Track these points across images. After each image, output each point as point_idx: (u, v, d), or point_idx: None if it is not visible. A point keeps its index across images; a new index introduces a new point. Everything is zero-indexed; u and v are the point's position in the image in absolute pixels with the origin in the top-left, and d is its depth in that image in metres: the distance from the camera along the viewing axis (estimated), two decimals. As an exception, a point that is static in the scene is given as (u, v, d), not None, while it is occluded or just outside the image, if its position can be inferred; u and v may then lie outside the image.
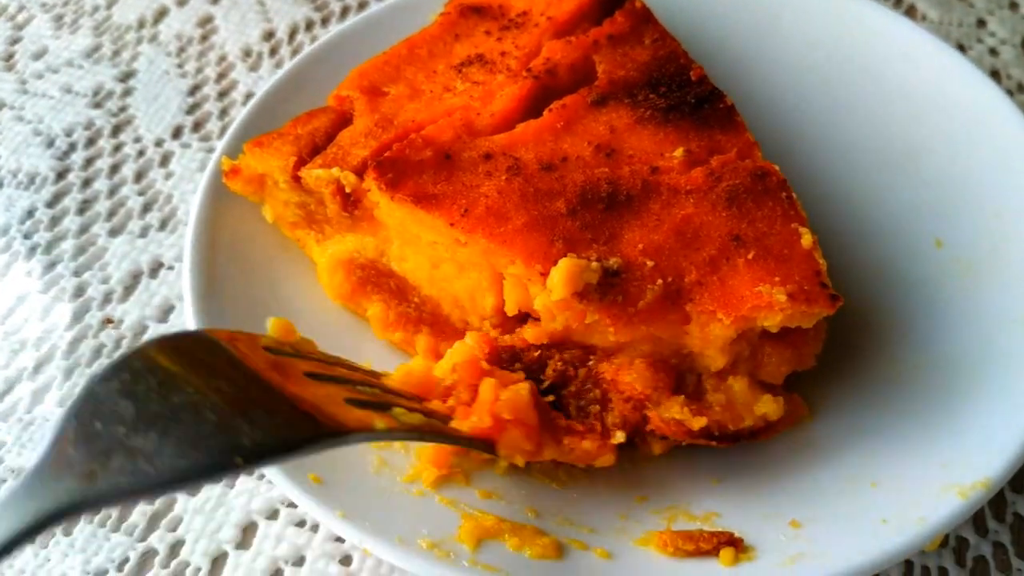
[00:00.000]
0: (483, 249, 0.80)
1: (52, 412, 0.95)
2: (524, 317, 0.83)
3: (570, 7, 1.00)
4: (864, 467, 0.79)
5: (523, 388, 0.76)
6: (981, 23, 1.27)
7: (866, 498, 0.77)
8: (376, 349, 0.90)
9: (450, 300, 0.88)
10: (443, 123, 0.88)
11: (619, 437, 0.78)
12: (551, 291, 0.75)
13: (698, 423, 0.77)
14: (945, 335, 0.88)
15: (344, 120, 0.92)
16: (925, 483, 0.77)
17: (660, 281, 0.77)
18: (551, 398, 0.79)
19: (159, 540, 0.86)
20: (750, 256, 0.79)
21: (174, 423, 0.57)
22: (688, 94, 0.91)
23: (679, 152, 0.86)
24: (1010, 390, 0.82)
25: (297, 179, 0.88)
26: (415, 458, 0.82)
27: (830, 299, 0.77)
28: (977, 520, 0.85)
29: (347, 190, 0.86)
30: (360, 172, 0.86)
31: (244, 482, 0.89)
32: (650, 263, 0.78)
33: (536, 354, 0.80)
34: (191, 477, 0.56)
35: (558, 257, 0.77)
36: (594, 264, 0.76)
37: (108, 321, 1.01)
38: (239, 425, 0.59)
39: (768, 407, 0.79)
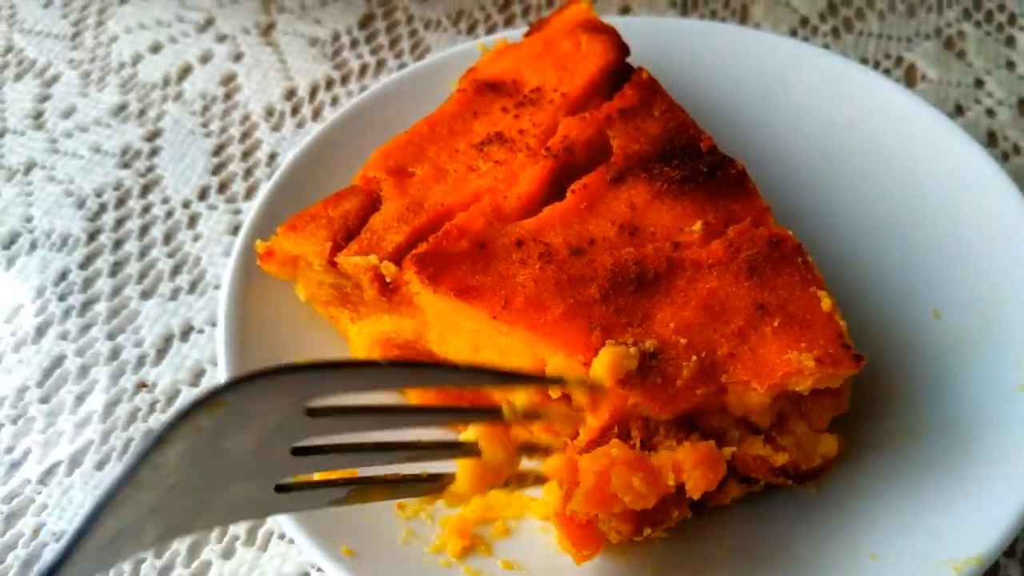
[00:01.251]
0: (525, 339, 0.85)
1: (91, 475, 0.99)
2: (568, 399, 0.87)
3: (581, 82, 1.05)
4: (865, 539, 0.84)
5: (614, 442, 0.79)
6: (979, 83, 1.31)
7: (866, 571, 0.82)
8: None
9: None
10: (473, 210, 0.93)
11: (726, 451, 0.82)
12: (599, 379, 0.79)
13: (781, 459, 0.83)
14: (943, 406, 0.92)
15: (373, 201, 0.97)
16: (923, 557, 0.81)
17: (695, 358, 0.82)
18: None
19: (196, 602, 0.91)
20: (776, 324, 0.84)
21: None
22: (700, 164, 0.96)
23: (698, 226, 0.91)
24: (1004, 462, 0.86)
25: (333, 264, 0.92)
26: (440, 528, 0.87)
27: (854, 360, 0.83)
28: (972, 585, 0.90)
29: (387, 279, 0.90)
30: (396, 258, 0.90)
31: (276, 545, 0.94)
32: (683, 340, 0.83)
33: (615, 431, 0.83)
34: None
35: (597, 345, 0.82)
36: (632, 350, 0.81)
37: (143, 385, 1.05)
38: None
39: (829, 446, 0.86)
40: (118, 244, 1.18)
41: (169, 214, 1.21)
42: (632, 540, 0.82)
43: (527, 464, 0.80)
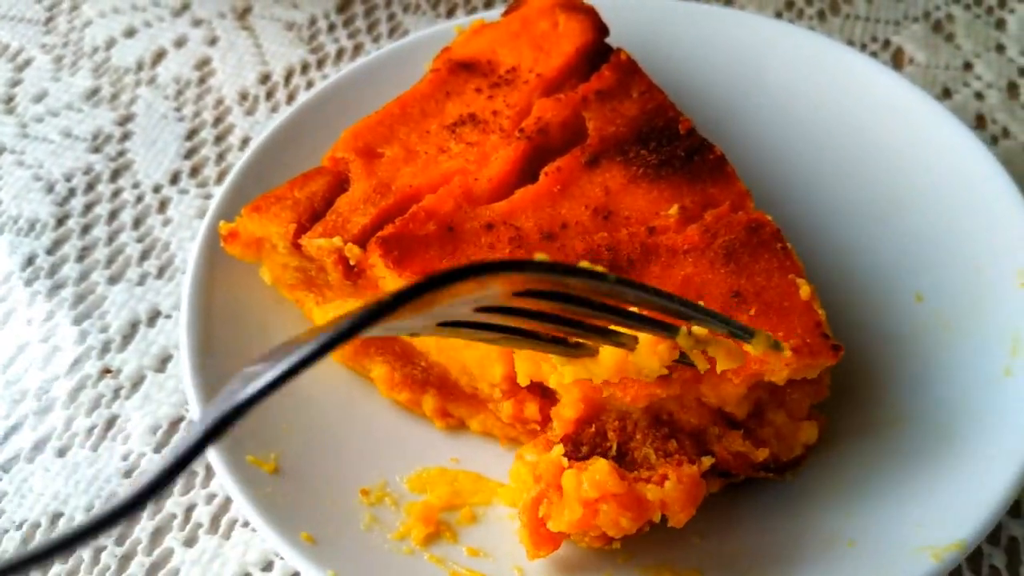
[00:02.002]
0: None
1: (52, 462, 0.97)
2: (534, 385, 0.84)
3: (558, 63, 1.02)
4: (843, 526, 0.81)
5: (600, 464, 0.76)
6: (968, 66, 1.29)
7: (844, 558, 0.79)
8: (382, 407, 0.92)
9: (458, 367, 0.90)
10: (443, 192, 0.90)
11: (706, 462, 0.79)
12: (562, 374, 0.77)
13: (762, 454, 0.81)
14: (924, 392, 0.90)
15: (340, 182, 0.94)
16: (901, 544, 0.79)
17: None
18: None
19: (157, 592, 0.88)
20: (752, 312, 0.81)
21: None
22: (678, 148, 0.94)
23: (674, 210, 0.88)
24: (985, 449, 0.84)
25: (298, 246, 0.89)
26: (405, 514, 0.84)
27: (832, 350, 0.80)
28: (953, 573, 0.87)
29: (351, 262, 0.87)
30: (361, 241, 0.87)
31: (240, 533, 0.91)
32: None
33: (591, 428, 0.80)
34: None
35: None
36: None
37: (107, 371, 1.03)
38: None
39: (809, 433, 0.84)
40: (86, 229, 1.16)
41: (139, 199, 1.18)
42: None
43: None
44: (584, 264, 0.65)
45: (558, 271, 0.66)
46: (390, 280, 0.86)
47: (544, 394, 0.86)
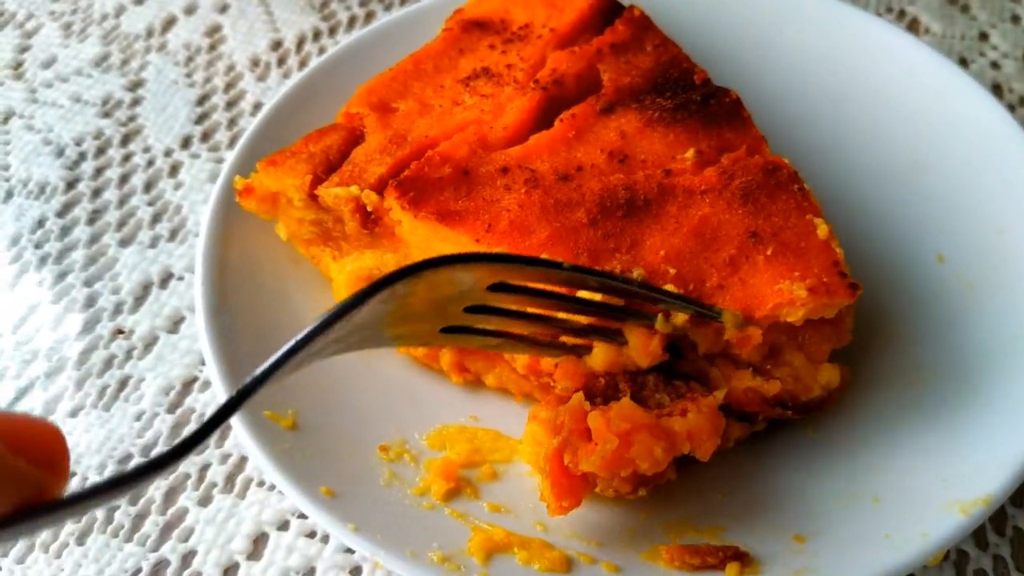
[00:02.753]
0: None
1: (64, 422, 0.96)
2: None
3: (571, 18, 1.01)
4: (867, 482, 0.81)
5: (624, 401, 0.76)
6: (983, 36, 1.28)
7: (869, 513, 0.78)
8: (393, 363, 0.91)
9: None
10: (457, 139, 0.89)
11: (719, 395, 0.79)
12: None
13: (772, 388, 0.80)
14: (947, 351, 0.89)
15: (355, 137, 0.93)
16: (927, 499, 0.78)
17: (672, 287, 0.78)
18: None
19: (171, 551, 0.87)
20: (768, 252, 0.81)
21: None
22: (694, 94, 0.93)
23: (690, 153, 0.88)
24: (1010, 407, 0.83)
25: (314, 197, 0.88)
26: (425, 471, 0.83)
27: (850, 288, 0.79)
28: (978, 534, 0.86)
29: (368, 208, 0.86)
30: (378, 189, 0.87)
31: (255, 493, 0.90)
32: (672, 270, 0.79)
33: (602, 381, 0.79)
34: None
35: None
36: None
37: (119, 332, 1.02)
38: None
39: (830, 375, 0.82)
40: (97, 192, 1.15)
41: (150, 163, 1.17)
42: (622, 496, 0.79)
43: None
44: (544, 256, 0.69)
45: (511, 261, 0.71)
46: (407, 224, 0.86)
47: None
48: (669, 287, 0.78)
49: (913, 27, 1.30)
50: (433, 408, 0.88)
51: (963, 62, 1.25)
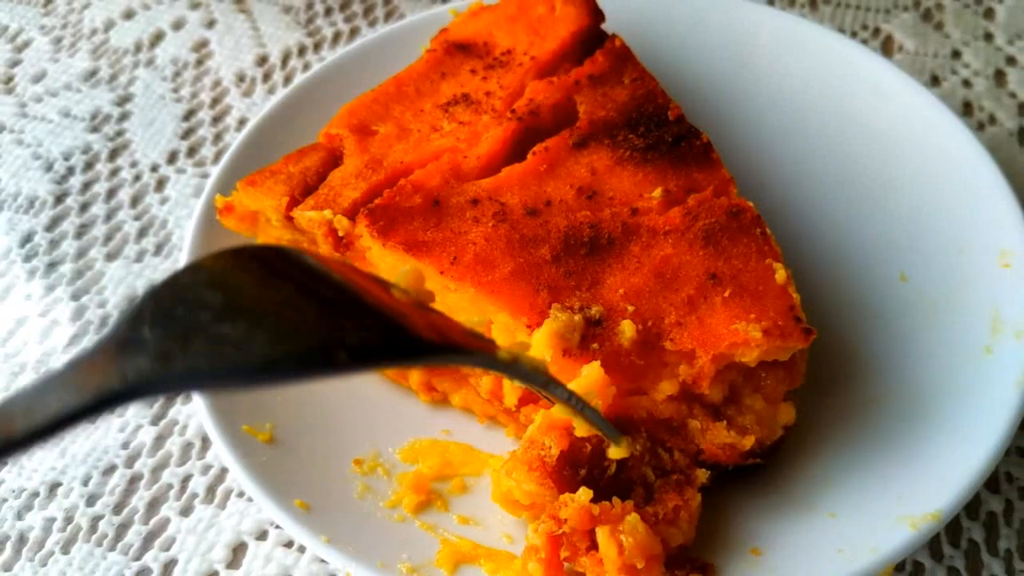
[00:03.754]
0: (471, 297, 0.84)
1: (50, 433, 0.98)
2: None
3: (552, 47, 1.04)
4: (823, 498, 0.83)
5: (635, 522, 0.76)
6: (956, 54, 1.31)
7: (824, 528, 0.81)
8: (371, 380, 0.94)
9: None
10: (431, 168, 0.92)
11: (702, 475, 0.81)
12: (537, 351, 0.78)
13: (748, 442, 0.82)
14: (906, 369, 0.92)
15: (335, 158, 0.96)
16: (880, 514, 0.81)
17: (633, 326, 0.80)
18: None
19: (153, 559, 0.90)
20: (727, 294, 0.83)
21: (268, 315, 0.51)
22: (666, 133, 0.95)
23: (657, 192, 0.90)
24: (963, 425, 0.85)
25: (290, 219, 0.91)
26: (397, 484, 0.86)
27: (804, 333, 0.81)
28: (933, 546, 0.89)
29: (340, 233, 0.89)
30: (351, 214, 0.89)
31: (235, 503, 0.93)
32: (631, 308, 0.82)
33: (588, 448, 0.80)
34: (285, 367, 0.50)
35: (543, 306, 0.81)
36: (577, 318, 0.80)
37: (105, 345, 1.04)
38: (341, 322, 0.53)
39: (788, 415, 0.84)
40: (85, 207, 1.17)
41: (137, 177, 1.20)
42: None
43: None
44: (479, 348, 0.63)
45: (450, 351, 0.61)
46: (376, 251, 0.88)
47: None
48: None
49: (887, 44, 1.33)
50: (406, 422, 0.91)
51: (935, 80, 1.28)
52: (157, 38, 1.36)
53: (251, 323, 0.50)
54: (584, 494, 0.76)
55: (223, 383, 0.51)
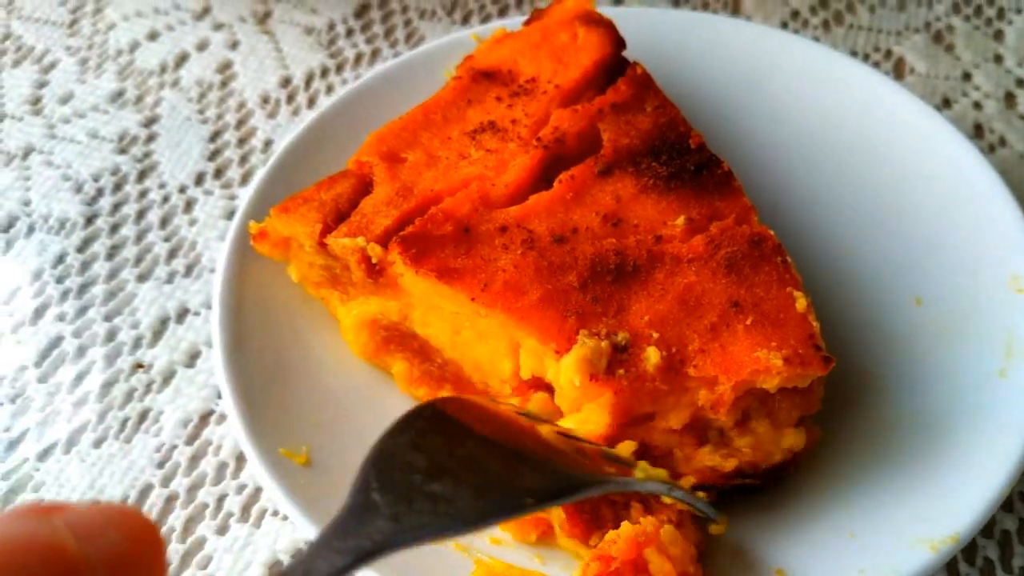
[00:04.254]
0: (501, 322, 0.87)
1: (88, 453, 1.01)
2: (537, 381, 0.89)
3: (576, 75, 1.06)
4: (844, 519, 0.86)
5: (670, 531, 0.81)
6: (967, 76, 1.33)
7: (845, 549, 0.84)
8: (400, 403, 0.95)
9: (471, 363, 0.94)
10: (460, 196, 0.94)
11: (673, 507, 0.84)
12: (566, 377, 0.81)
13: (729, 464, 0.84)
14: (923, 392, 0.94)
15: (365, 185, 0.98)
16: (899, 536, 0.83)
17: (658, 353, 0.83)
18: None
19: (190, 578, 0.93)
20: (748, 322, 0.85)
21: (465, 471, 0.64)
22: (688, 161, 0.97)
23: (680, 220, 0.92)
24: (980, 446, 0.88)
25: (323, 245, 0.94)
26: (430, 505, 0.89)
27: (823, 361, 0.83)
28: (950, 564, 0.92)
29: (373, 260, 0.92)
30: (384, 241, 0.92)
31: (270, 522, 0.96)
32: (656, 334, 0.84)
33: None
34: (489, 516, 0.63)
35: (571, 332, 0.84)
36: (604, 344, 0.83)
37: (139, 366, 1.07)
38: (522, 471, 0.68)
39: (793, 439, 0.86)
40: (115, 228, 1.20)
41: (165, 199, 1.22)
42: None
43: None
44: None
45: (603, 483, 0.75)
46: (408, 277, 0.91)
47: (550, 392, 0.91)
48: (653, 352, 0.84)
49: (899, 67, 1.35)
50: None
51: (946, 102, 1.30)
52: (182, 59, 1.38)
53: (455, 480, 0.63)
54: (627, 528, 0.79)
55: (445, 535, 0.62)
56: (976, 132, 1.27)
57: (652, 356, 0.83)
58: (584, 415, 0.84)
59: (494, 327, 0.88)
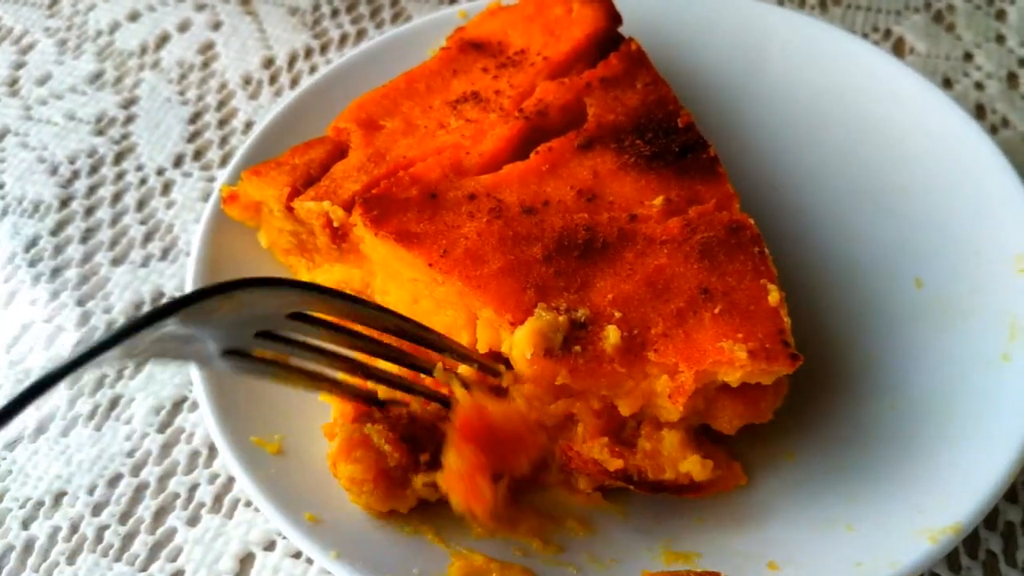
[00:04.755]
0: (458, 291, 0.83)
1: (57, 441, 0.97)
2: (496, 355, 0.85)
3: (566, 48, 1.02)
4: (841, 510, 0.82)
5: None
6: (968, 56, 1.29)
7: (842, 541, 0.80)
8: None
9: None
10: (431, 161, 0.91)
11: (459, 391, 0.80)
12: (519, 349, 0.77)
13: (614, 464, 0.80)
14: (923, 375, 0.90)
15: (340, 152, 0.95)
16: (898, 527, 0.79)
17: (619, 333, 0.79)
18: None
19: (160, 570, 0.89)
20: (716, 310, 0.81)
21: None
22: (673, 142, 0.93)
23: (658, 201, 0.88)
24: (983, 432, 0.84)
25: (290, 209, 0.91)
26: (410, 496, 0.85)
27: (790, 358, 0.79)
28: (951, 557, 0.88)
29: (335, 224, 0.89)
30: (349, 207, 0.88)
31: (242, 513, 0.92)
32: (618, 314, 0.80)
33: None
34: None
35: (529, 305, 0.80)
36: (561, 319, 0.79)
37: (111, 352, 1.03)
38: None
39: (693, 467, 0.80)
40: (90, 211, 1.16)
41: (143, 181, 1.19)
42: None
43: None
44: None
45: (315, 290, 0.75)
46: (369, 242, 0.87)
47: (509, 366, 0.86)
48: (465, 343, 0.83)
49: (899, 47, 1.31)
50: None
51: (947, 83, 1.26)
52: (163, 40, 1.34)
53: None
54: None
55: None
56: (978, 113, 1.23)
57: (612, 335, 0.79)
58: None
59: (452, 296, 0.84)
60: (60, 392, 1.01)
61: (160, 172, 1.19)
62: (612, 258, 0.84)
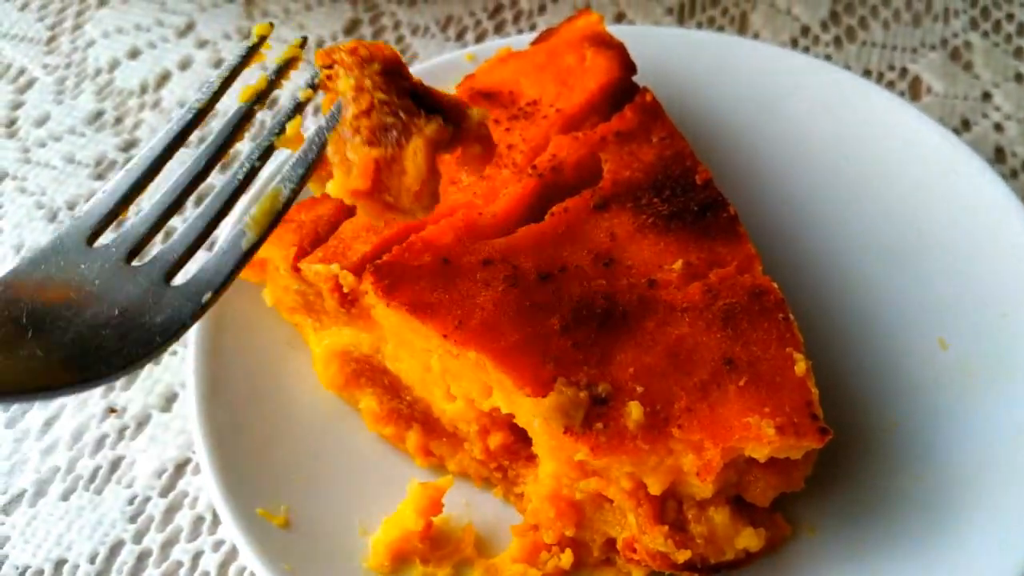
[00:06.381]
0: (475, 363, 0.80)
1: (56, 506, 0.95)
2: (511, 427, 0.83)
3: (580, 100, 0.99)
4: (863, 587, 0.80)
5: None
6: (986, 96, 1.27)
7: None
8: (368, 439, 0.91)
9: (440, 403, 0.89)
10: (444, 224, 0.88)
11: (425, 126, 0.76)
12: (539, 427, 0.75)
13: (683, 556, 0.77)
14: (947, 444, 0.88)
15: (349, 209, 0.92)
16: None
17: (641, 409, 0.76)
18: None
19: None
20: (741, 383, 0.78)
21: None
22: (692, 200, 0.91)
23: (678, 265, 0.86)
24: (1009, 506, 0.82)
25: (297, 270, 0.88)
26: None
27: (819, 432, 0.76)
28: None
29: (345, 289, 0.86)
30: (359, 270, 0.86)
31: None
32: (640, 388, 0.78)
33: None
34: None
35: (548, 378, 0.77)
36: (582, 395, 0.76)
37: (111, 410, 1.01)
38: None
39: (749, 541, 0.79)
40: (90, 260, 1.13)
41: (144, 228, 1.16)
42: None
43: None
44: None
45: None
46: (380, 309, 0.85)
47: (517, 434, 0.85)
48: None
49: (915, 86, 1.29)
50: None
51: (965, 124, 1.24)
52: (163, 79, 1.32)
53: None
54: None
55: None
56: (997, 156, 1.21)
57: (634, 412, 0.76)
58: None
59: (467, 369, 0.82)
60: (60, 453, 0.98)
61: (162, 218, 1.16)
62: (632, 328, 0.81)
